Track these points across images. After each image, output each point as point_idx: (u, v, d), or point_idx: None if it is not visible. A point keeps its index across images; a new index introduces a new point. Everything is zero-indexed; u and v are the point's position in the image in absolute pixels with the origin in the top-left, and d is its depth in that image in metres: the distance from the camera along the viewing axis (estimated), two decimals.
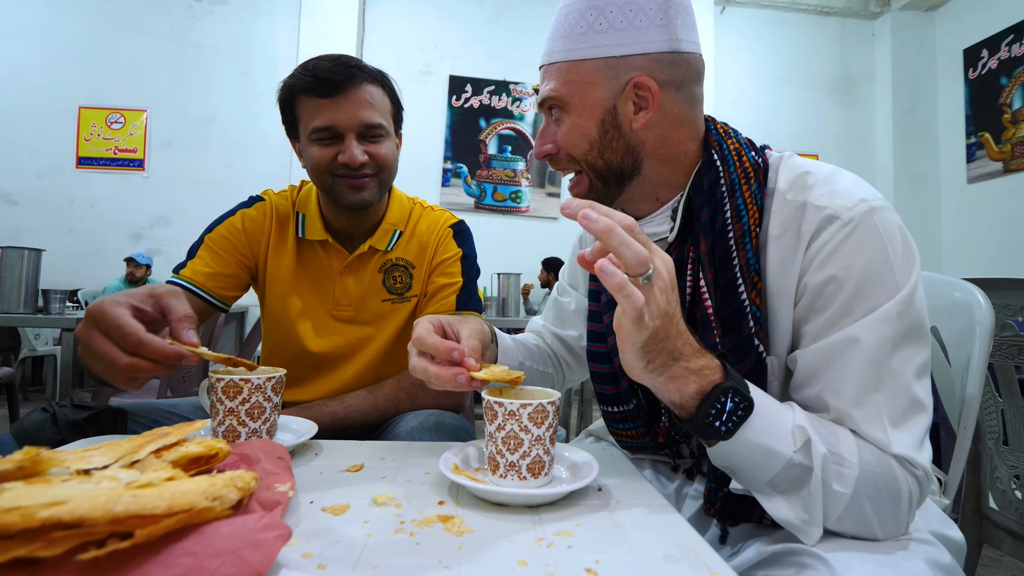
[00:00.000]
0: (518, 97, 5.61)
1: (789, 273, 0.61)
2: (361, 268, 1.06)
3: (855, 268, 0.57)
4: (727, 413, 0.51)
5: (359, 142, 0.95)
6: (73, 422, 0.80)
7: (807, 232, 0.60)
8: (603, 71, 0.65)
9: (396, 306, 1.06)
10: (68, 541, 0.30)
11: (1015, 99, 5.01)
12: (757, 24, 5.98)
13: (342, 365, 1.05)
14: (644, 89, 0.65)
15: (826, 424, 0.55)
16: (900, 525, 0.55)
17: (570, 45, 0.66)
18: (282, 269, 1.05)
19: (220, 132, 5.20)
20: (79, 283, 4.62)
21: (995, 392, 1.15)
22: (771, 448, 0.52)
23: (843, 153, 5.90)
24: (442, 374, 0.59)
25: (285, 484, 0.46)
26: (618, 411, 0.75)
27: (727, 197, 0.64)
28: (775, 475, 0.52)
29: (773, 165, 0.67)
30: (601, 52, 0.65)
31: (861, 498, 0.52)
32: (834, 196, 0.60)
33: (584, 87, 0.66)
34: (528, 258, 5.12)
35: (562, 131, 0.69)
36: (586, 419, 2.70)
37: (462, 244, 1.10)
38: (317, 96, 0.94)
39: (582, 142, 0.68)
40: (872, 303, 0.56)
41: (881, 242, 0.57)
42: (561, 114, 0.68)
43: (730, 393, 0.51)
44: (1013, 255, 4.92)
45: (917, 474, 0.55)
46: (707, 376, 0.51)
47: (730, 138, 0.69)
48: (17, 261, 2.27)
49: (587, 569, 0.39)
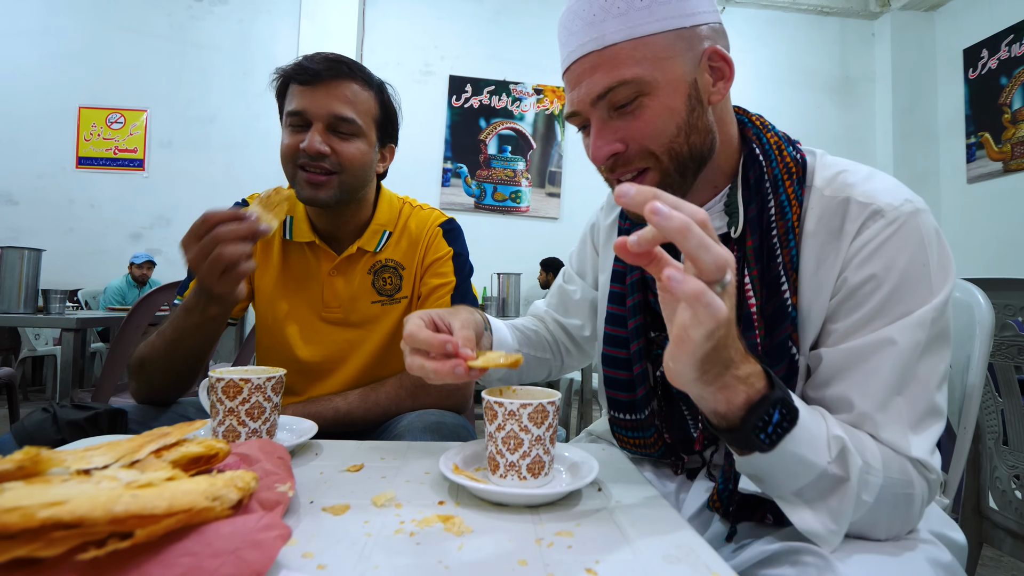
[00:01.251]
0: (518, 97, 5.61)
1: (828, 269, 0.60)
2: (350, 270, 1.04)
3: (895, 269, 0.56)
4: (773, 425, 0.47)
5: (327, 133, 0.94)
6: (73, 422, 0.80)
7: (851, 227, 0.59)
8: (677, 43, 0.60)
9: (386, 308, 1.05)
10: (68, 541, 0.30)
11: (1015, 99, 5.01)
12: (757, 24, 5.98)
13: (334, 368, 1.04)
14: (718, 59, 0.62)
15: (849, 430, 0.54)
16: (907, 527, 0.56)
17: (631, 22, 0.59)
18: (269, 272, 1.04)
19: (220, 132, 5.21)
20: (79, 283, 4.62)
21: (995, 392, 1.15)
22: (807, 459, 0.49)
23: (843, 153, 5.66)
24: (439, 368, 0.56)
25: (285, 484, 0.46)
26: (629, 419, 0.73)
27: (771, 192, 0.63)
28: (805, 485, 0.50)
29: (809, 162, 0.66)
30: (671, 24, 0.59)
31: (880, 504, 0.52)
32: (880, 193, 0.59)
33: (663, 62, 0.59)
34: (528, 258, 5.12)
35: (644, 119, 0.61)
36: (586, 419, 2.70)
37: (453, 242, 1.09)
38: (299, 83, 0.94)
39: (670, 126, 0.61)
40: (906, 306, 0.56)
41: (922, 245, 0.57)
42: (642, 99, 0.60)
43: (779, 405, 0.48)
44: (1013, 255, 4.92)
45: (930, 478, 0.55)
46: (753, 385, 0.47)
47: (769, 131, 0.68)
48: (17, 261, 2.27)
49: (587, 569, 0.39)
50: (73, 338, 2.12)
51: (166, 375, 0.91)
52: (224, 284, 0.77)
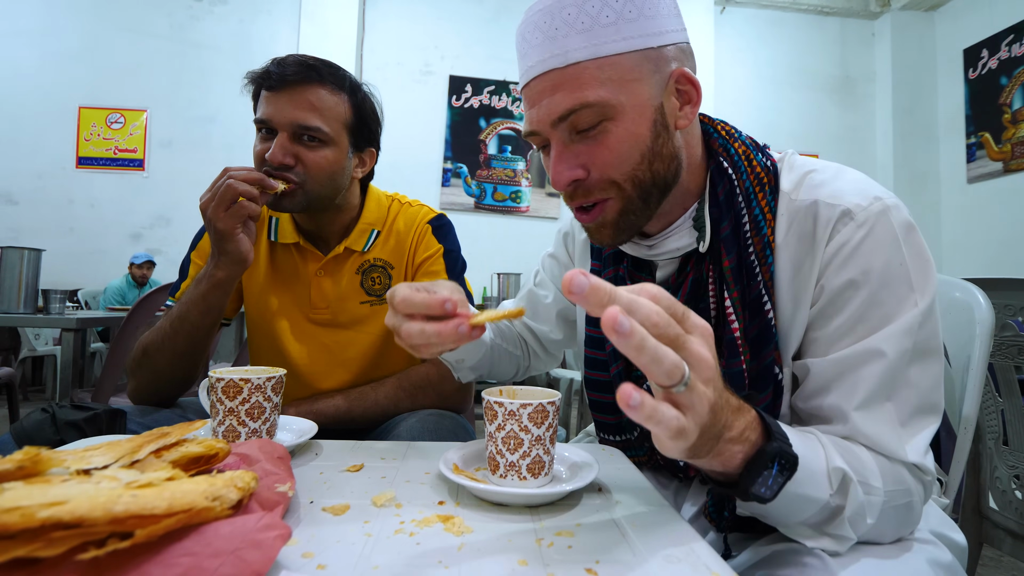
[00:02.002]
0: (518, 97, 5.59)
1: (805, 277, 0.58)
2: (337, 270, 1.03)
3: (873, 272, 0.55)
4: (772, 478, 0.46)
5: (291, 142, 0.91)
6: (73, 422, 0.80)
7: (823, 233, 0.57)
8: (644, 64, 0.57)
9: (375, 308, 1.03)
10: (68, 541, 0.30)
11: (1015, 99, 5.01)
12: (757, 24, 5.98)
13: (325, 369, 1.03)
14: (686, 82, 0.59)
15: (846, 447, 0.53)
16: (908, 529, 0.56)
17: (596, 39, 0.55)
18: (256, 273, 1.04)
19: (220, 132, 5.20)
20: (79, 283, 4.62)
21: (995, 392, 1.15)
22: (809, 496, 0.49)
23: (843, 153, 5.89)
24: (442, 329, 0.50)
25: (285, 484, 0.46)
26: (619, 440, 0.72)
27: (744, 207, 0.61)
28: (807, 517, 0.51)
29: (777, 166, 0.64)
30: (638, 43, 0.56)
31: (882, 518, 0.52)
32: (847, 194, 0.57)
33: (629, 85, 0.56)
34: (528, 258, 5.11)
35: (607, 145, 0.58)
36: (586, 419, 2.70)
37: (443, 239, 1.06)
38: (265, 88, 0.93)
39: (634, 153, 0.58)
40: (888, 309, 0.55)
41: (897, 243, 0.55)
42: (605, 124, 0.57)
43: (777, 457, 0.46)
44: (1013, 255, 4.92)
45: (925, 480, 0.55)
46: (748, 439, 0.45)
47: (735, 140, 0.65)
48: (17, 261, 2.27)
49: (587, 569, 0.39)
50: (73, 338, 2.12)
51: (169, 361, 0.91)
52: (228, 219, 0.82)
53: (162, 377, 0.93)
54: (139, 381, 0.93)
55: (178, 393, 0.97)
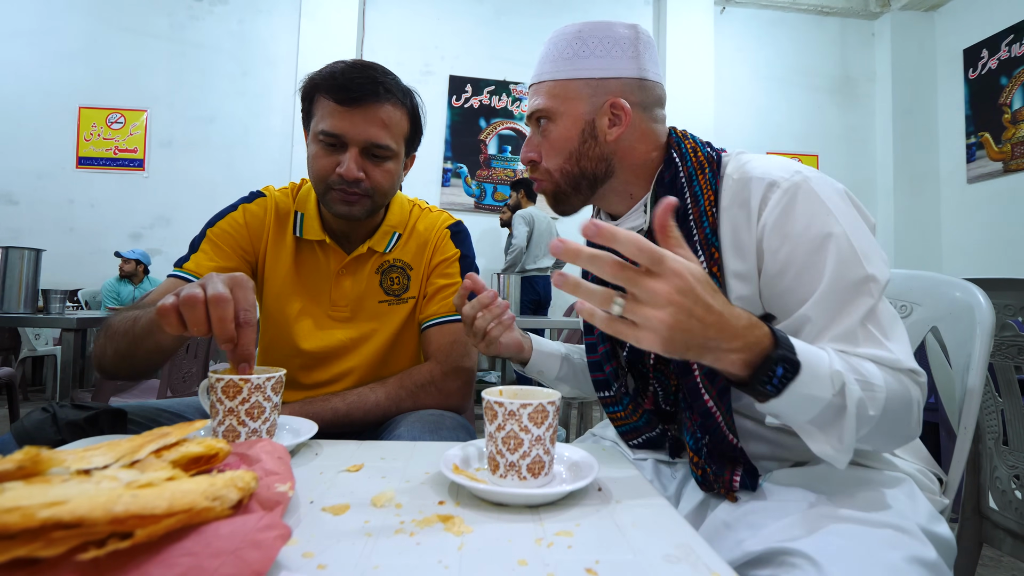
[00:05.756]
0: (518, 97, 5.60)
1: (747, 235, 0.70)
2: (359, 269, 1.06)
3: (807, 227, 0.65)
4: (777, 378, 0.54)
5: (361, 158, 0.94)
6: (73, 422, 0.80)
7: (755, 202, 0.69)
8: (585, 90, 0.77)
9: (393, 307, 1.06)
10: (68, 541, 0.30)
11: (1015, 99, 5.01)
12: (757, 24, 5.97)
13: (337, 365, 1.05)
14: (619, 108, 0.77)
15: (850, 359, 0.60)
16: (911, 435, 0.63)
17: (558, 68, 0.78)
18: (280, 267, 1.05)
19: (220, 132, 5.20)
20: (79, 283, 4.62)
21: (995, 392, 1.15)
22: (813, 395, 0.56)
23: (843, 153, 5.90)
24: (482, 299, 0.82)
25: (285, 484, 0.46)
26: (606, 396, 0.85)
27: (686, 186, 0.75)
28: (815, 415, 0.57)
29: (724, 159, 0.77)
30: (584, 74, 0.77)
31: (885, 415, 0.59)
32: (773, 169, 0.70)
33: (569, 101, 0.78)
34: None
35: (549, 140, 0.80)
36: (586, 419, 2.70)
37: (460, 244, 1.11)
38: (333, 100, 0.92)
39: (563, 150, 0.79)
40: (825, 256, 0.64)
41: (820, 200, 0.66)
42: (548, 124, 0.79)
43: (780, 362, 0.54)
44: (1013, 255, 4.92)
45: (920, 381, 0.62)
46: (754, 348, 0.54)
47: (687, 139, 0.80)
48: (17, 261, 2.27)
49: (587, 569, 0.39)
50: (73, 338, 2.12)
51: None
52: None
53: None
54: (100, 353, 0.89)
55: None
